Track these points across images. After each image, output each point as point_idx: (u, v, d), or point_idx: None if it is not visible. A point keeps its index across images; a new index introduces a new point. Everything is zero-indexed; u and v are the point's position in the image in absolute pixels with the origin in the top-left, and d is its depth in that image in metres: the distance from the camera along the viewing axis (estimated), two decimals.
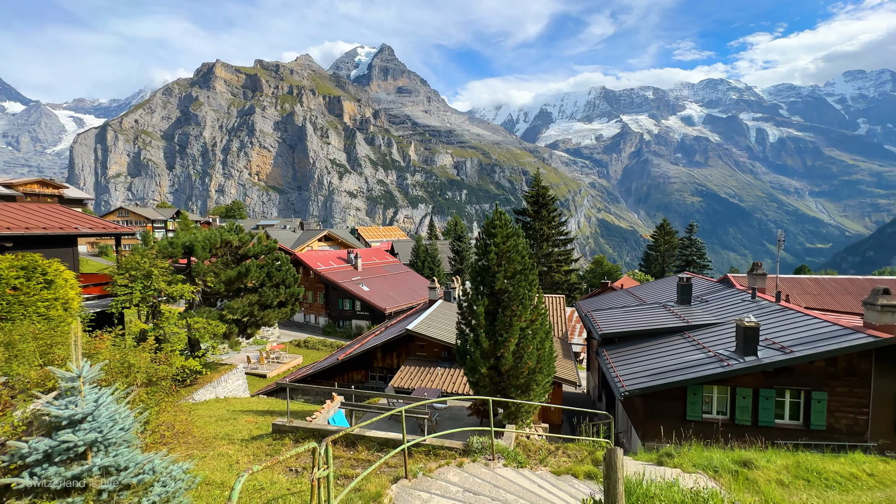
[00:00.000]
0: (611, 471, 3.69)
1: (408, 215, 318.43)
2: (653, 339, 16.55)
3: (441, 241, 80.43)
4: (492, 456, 6.77)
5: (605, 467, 3.75)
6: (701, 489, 4.96)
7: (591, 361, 25.10)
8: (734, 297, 18.39)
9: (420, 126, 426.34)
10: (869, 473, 8.12)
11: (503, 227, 11.19)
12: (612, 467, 3.68)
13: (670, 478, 7.32)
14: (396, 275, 46.05)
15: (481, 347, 10.70)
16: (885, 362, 12.09)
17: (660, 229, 57.38)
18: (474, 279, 11.46)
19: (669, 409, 13.51)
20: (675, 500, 4.44)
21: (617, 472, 3.67)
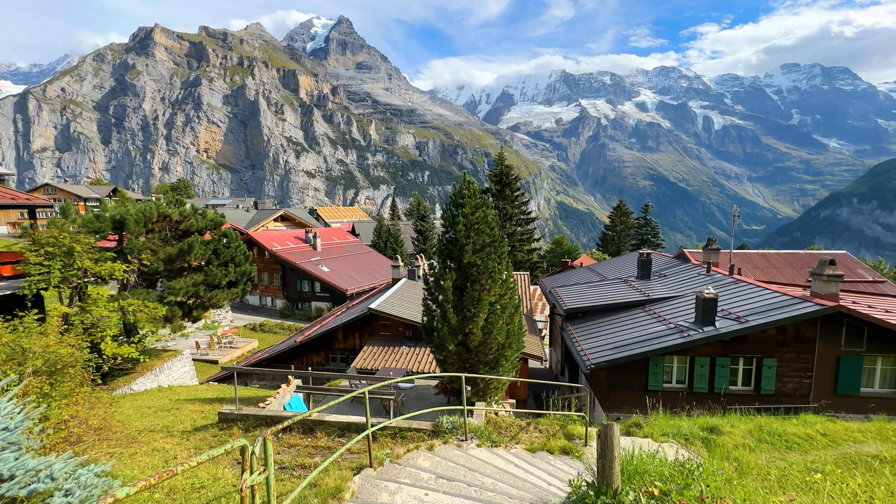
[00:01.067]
0: (606, 449, 3.25)
1: (369, 196, 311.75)
2: (615, 312, 16.78)
3: (404, 221, 79.11)
4: (464, 436, 6.31)
5: (600, 445, 3.31)
6: (686, 460, 4.71)
7: (553, 337, 25.47)
8: (691, 272, 18.99)
9: (381, 104, 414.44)
10: (822, 433, 8.45)
11: (472, 197, 10.59)
12: (608, 445, 3.24)
13: (647, 448, 7.19)
14: (358, 255, 44.69)
15: (449, 324, 10.20)
16: (829, 329, 12.79)
17: (616, 210, 59.17)
18: (441, 252, 10.86)
19: (632, 381, 13.74)
20: (664, 473, 4.13)
21: (613, 450, 3.24)
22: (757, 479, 5.30)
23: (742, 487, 4.30)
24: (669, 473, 4.27)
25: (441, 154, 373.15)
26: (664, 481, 3.83)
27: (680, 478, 4.10)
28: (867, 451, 7.82)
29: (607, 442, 3.25)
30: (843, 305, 12.17)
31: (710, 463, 5.19)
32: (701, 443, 7.33)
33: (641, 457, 4.42)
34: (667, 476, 4.21)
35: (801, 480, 5.43)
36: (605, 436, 3.28)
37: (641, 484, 3.86)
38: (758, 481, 5.18)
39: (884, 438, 8.67)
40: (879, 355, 12.85)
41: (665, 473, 4.24)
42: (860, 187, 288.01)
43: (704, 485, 3.82)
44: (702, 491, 3.73)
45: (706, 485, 3.85)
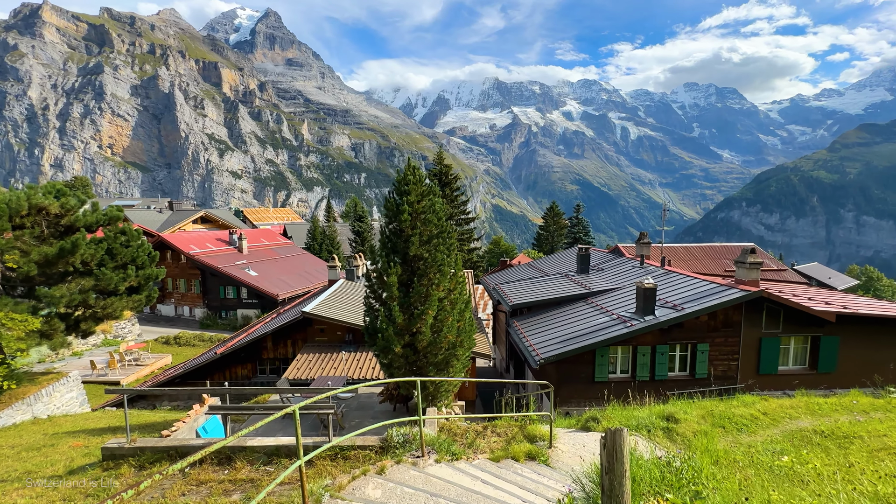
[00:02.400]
0: (615, 461, 2.57)
1: (302, 198, 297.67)
2: (559, 306, 16.81)
3: (340, 223, 76.00)
4: (419, 451, 5.40)
5: (606, 457, 2.62)
6: (670, 457, 4.24)
7: (497, 334, 25.33)
8: (626, 265, 19.72)
9: (314, 103, 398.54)
10: (763, 412, 8.72)
11: (417, 184, 9.72)
12: (617, 457, 2.56)
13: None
14: (290, 258, 41.69)
15: (395, 323, 9.22)
16: (752, 313, 13.67)
17: (549, 211, 61.61)
18: (384, 245, 9.85)
19: (580, 373, 13.68)
20: (655, 476, 3.58)
21: (623, 462, 2.56)
22: (732, 468, 5.01)
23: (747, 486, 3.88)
24: (661, 476, 3.72)
25: (378, 156, 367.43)
26: (667, 488, 3.24)
27: (676, 481, 3.55)
28: (803, 426, 8.13)
29: (616, 453, 2.56)
30: (765, 290, 13.06)
31: (689, 457, 4.80)
32: (662, 433, 7.12)
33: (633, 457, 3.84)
34: (658, 479, 3.66)
35: (770, 465, 5.25)
36: (613, 445, 2.59)
37: (640, 493, 3.23)
38: (734, 470, 4.88)
39: (812, 412, 9.17)
40: (792, 336, 14.00)
41: (657, 476, 3.68)
42: (747, 193, 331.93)
43: (711, 489, 3.31)
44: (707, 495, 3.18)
45: (712, 488, 3.35)
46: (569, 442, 6.84)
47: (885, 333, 14.12)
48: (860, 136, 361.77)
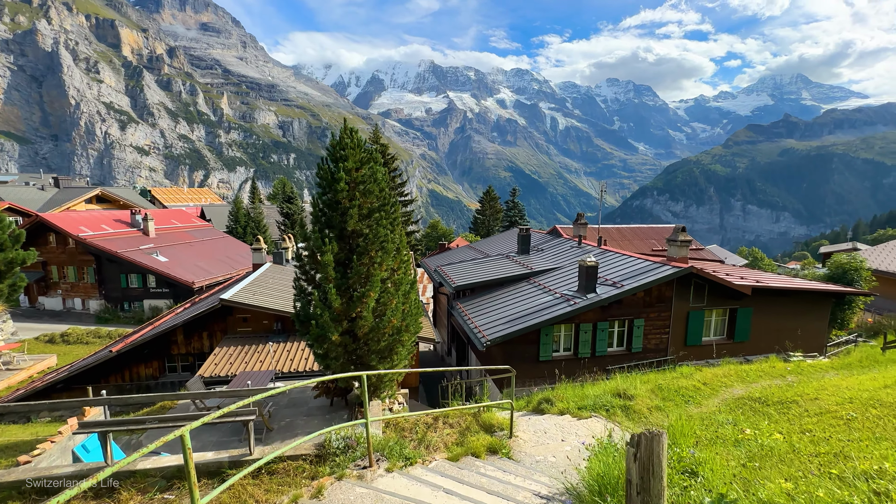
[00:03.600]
0: (651, 477, 1.90)
1: (223, 179, 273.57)
2: (503, 287, 16.56)
3: (267, 205, 70.59)
4: (367, 460, 4.48)
5: (640, 472, 1.94)
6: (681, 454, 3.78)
7: (438, 318, 24.82)
8: (564, 245, 20.03)
9: (234, 75, 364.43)
10: (703, 383, 8.98)
11: (356, 149, 8.52)
12: (653, 471, 1.89)
13: (577, 428, 6.37)
14: (209, 241, 37.58)
15: (331, 308, 8.07)
16: (681, 288, 14.37)
17: (486, 195, 62.21)
18: (318, 219, 8.58)
19: (525, 354, 13.50)
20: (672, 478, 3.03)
21: (662, 478, 1.89)
22: (713, 448, 4.75)
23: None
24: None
25: (308, 136, 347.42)
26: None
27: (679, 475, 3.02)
28: (738, 393, 8.44)
29: (653, 467, 1.89)
30: (693, 266, 13.74)
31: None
32: (621, 412, 6.92)
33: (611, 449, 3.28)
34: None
35: (735, 439, 5.10)
36: (650, 456, 1.92)
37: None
38: (714, 450, 4.61)
39: (742, 379, 9.66)
40: (714, 308, 15.01)
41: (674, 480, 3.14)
42: (658, 183, 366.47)
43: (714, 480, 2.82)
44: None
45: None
46: (528, 429, 6.35)
47: (788, 304, 15.69)
48: (748, 135, 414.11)
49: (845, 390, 7.10)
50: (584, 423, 6.37)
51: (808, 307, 16.03)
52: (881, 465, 3.00)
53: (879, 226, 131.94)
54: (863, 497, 2.57)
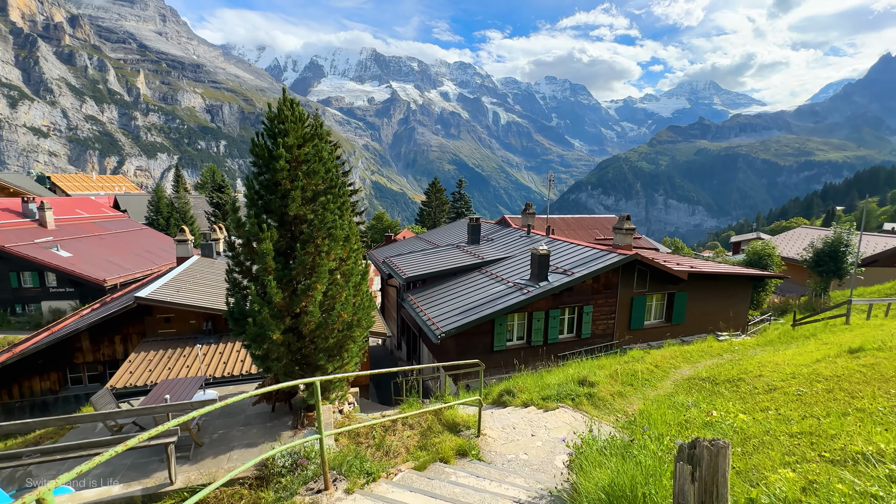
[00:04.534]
0: (716, 502, 1.45)
1: (141, 167, 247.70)
2: (455, 277, 16.19)
3: (195, 195, 64.67)
4: (322, 481, 3.78)
5: (698, 495, 1.50)
6: (628, 442, 3.51)
7: (387, 311, 24.02)
8: (514, 234, 20.09)
9: (152, 51, 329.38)
10: (654, 366, 9.19)
11: (297, 122, 7.56)
12: (716, 495, 1.46)
13: (537, 420, 6.07)
14: (123, 234, 33.44)
15: (271, 303, 7.13)
16: (625, 275, 14.88)
17: (432, 187, 61.79)
18: (253, 203, 7.53)
19: (479, 344, 13.25)
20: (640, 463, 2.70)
21: (727, 500, 1.45)
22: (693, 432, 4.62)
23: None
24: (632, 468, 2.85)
25: (241, 122, 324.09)
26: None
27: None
28: (687, 374, 8.72)
29: (717, 488, 1.46)
30: (638, 253, 14.25)
31: (633, 434, 4.19)
32: (587, 400, 6.77)
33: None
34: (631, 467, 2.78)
35: (703, 422, 5.05)
36: (713, 473, 1.50)
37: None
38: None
39: (687, 360, 10.06)
40: (655, 293, 15.76)
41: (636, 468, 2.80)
42: (592, 178, 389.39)
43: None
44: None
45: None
46: (495, 425, 5.97)
47: (717, 288, 16.91)
48: (669, 136, 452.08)
49: (784, 366, 7.52)
50: (551, 415, 6.13)
51: (733, 290, 17.39)
52: (876, 446, 2.92)
53: (775, 218, 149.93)
54: (882, 484, 2.43)
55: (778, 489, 2.49)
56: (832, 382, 5.80)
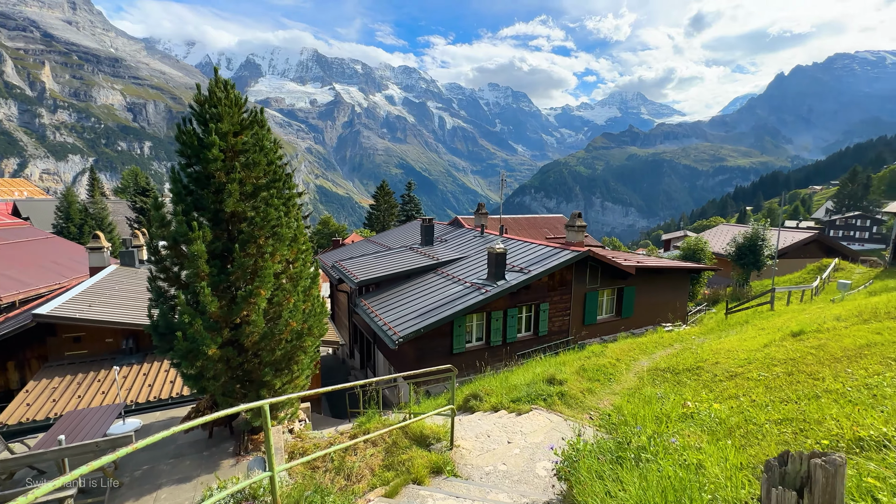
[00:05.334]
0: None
1: (49, 169, 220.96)
2: (410, 280, 15.61)
3: (114, 200, 58.35)
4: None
5: None
6: (623, 444, 3.21)
7: (337, 317, 22.83)
8: (468, 235, 19.89)
9: (61, 42, 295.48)
10: (616, 359, 9.22)
11: (233, 106, 6.67)
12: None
13: (511, 425, 5.69)
14: (24, 244, 29.04)
15: (205, 313, 6.18)
16: (578, 271, 15.14)
17: (380, 190, 60.58)
18: (181, 198, 6.52)
19: (438, 348, 12.78)
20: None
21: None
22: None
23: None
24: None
25: (168, 122, 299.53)
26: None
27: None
28: (647, 365, 8.82)
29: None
30: (591, 250, 14.54)
31: (609, 433, 3.93)
32: (559, 400, 6.51)
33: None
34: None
35: (679, 414, 4.93)
36: (827, 498, 1.11)
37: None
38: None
39: (644, 352, 10.25)
40: (606, 289, 16.20)
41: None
42: (535, 182, 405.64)
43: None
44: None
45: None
46: (467, 434, 5.51)
47: (660, 282, 17.76)
48: (603, 142, 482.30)
49: (738, 352, 7.80)
50: (526, 419, 5.79)
51: (674, 283, 18.38)
52: (878, 430, 2.83)
53: (696, 217, 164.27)
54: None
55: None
56: (789, 365, 6.00)
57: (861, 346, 5.82)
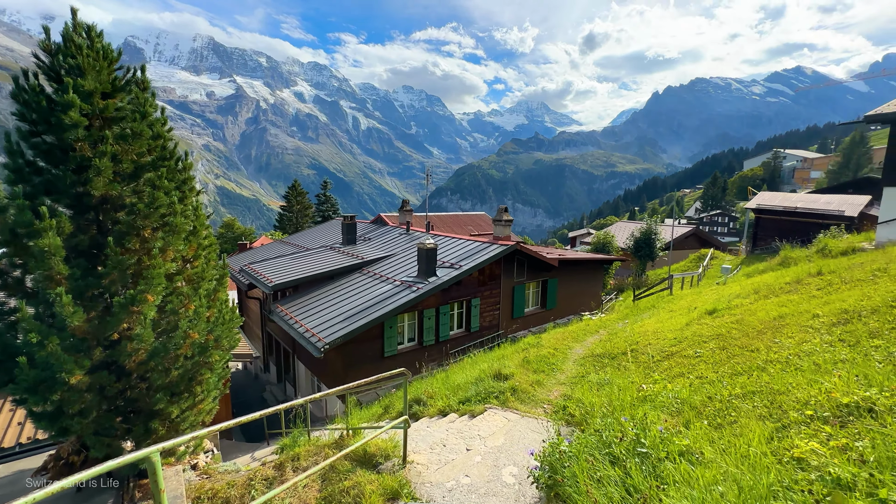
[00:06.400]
0: None
1: None
2: (333, 281, 14.36)
3: None
4: None
5: None
6: (582, 439, 2.85)
7: (247, 328, 20.40)
8: (393, 232, 19.05)
9: None
10: (554, 349, 9.21)
11: (101, 59, 5.17)
12: None
13: (466, 429, 5.14)
14: None
15: (64, 329, 4.65)
16: (507, 265, 15.23)
17: (292, 189, 56.61)
18: (24, 177, 4.88)
19: (368, 352, 11.83)
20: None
21: None
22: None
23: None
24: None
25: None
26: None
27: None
28: (581, 353, 8.94)
29: None
30: (518, 243, 14.69)
31: (561, 423, 3.60)
32: (512, 395, 6.11)
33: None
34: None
35: (639, 399, 4.80)
36: None
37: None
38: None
39: (576, 339, 10.46)
40: (531, 282, 16.56)
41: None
42: (451, 184, 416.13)
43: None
44: None
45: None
46: (419, 446, 4.81)
47: (579, 273, 18.71)
48: (513, 147, 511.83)
49: (664, 333, 8.19)
50: (481, 420, 5.28)
51: (591, 274, 19.52)
52: (860, 395, 2.79)
53: (595, 217, 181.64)
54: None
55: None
56: (719, 341, 6.33)
57: (775, 318, 6.35)
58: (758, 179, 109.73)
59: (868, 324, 4.65)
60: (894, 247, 11.10)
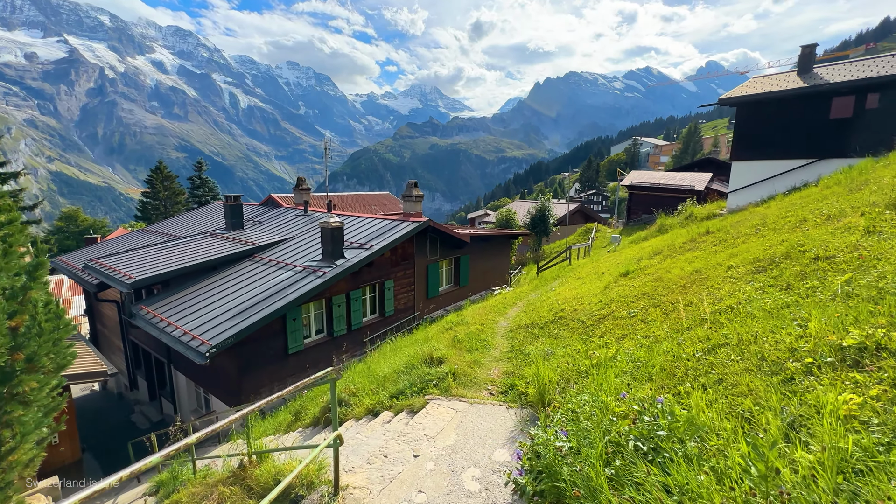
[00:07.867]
0: None
1: None
2: (216, 272, 12.05)
3: None
4: None
5: None
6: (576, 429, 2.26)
7: (100, 339, 16.49)
8: (289, 214, 16.86)
9: None
10: (481, 324, 8.72)
11: None
12: None
13: (410, 431, 4.25)
14: None
15: None
16: (419, 243, 14.46)
17: (157, 172, 47.95)
18: None
19: (268, 351, 10.14)
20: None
21: None
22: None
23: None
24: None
25: None
26: None
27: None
28: (507, 325, 8.64)
29: None
30: (430, 220, 13.95)
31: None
32: (453, 381, 5.28)
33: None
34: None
35: (588, 367, 4.40)
36: None
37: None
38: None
39: (497, 312, 10.18)
40: (444, 259, 16.06)
41: None
42: (346, 168, 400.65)
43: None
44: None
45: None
46: (353, 461, 3.78)
47: (488, 249, 18.79)
48: (408, 132, 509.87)
49: (587, 298, 8.23)
50: (425, 416, 4.42)
51: (498, 250, 19.78)
52: (860, 336, 2.58)
53: (489, 199, 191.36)
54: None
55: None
56: (648, 299, 6.39)
57: (691, 273, 6.62)
58: (622, 163, 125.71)
59: (786, 269, 4.89)
60: (746, 210, 12.96)
